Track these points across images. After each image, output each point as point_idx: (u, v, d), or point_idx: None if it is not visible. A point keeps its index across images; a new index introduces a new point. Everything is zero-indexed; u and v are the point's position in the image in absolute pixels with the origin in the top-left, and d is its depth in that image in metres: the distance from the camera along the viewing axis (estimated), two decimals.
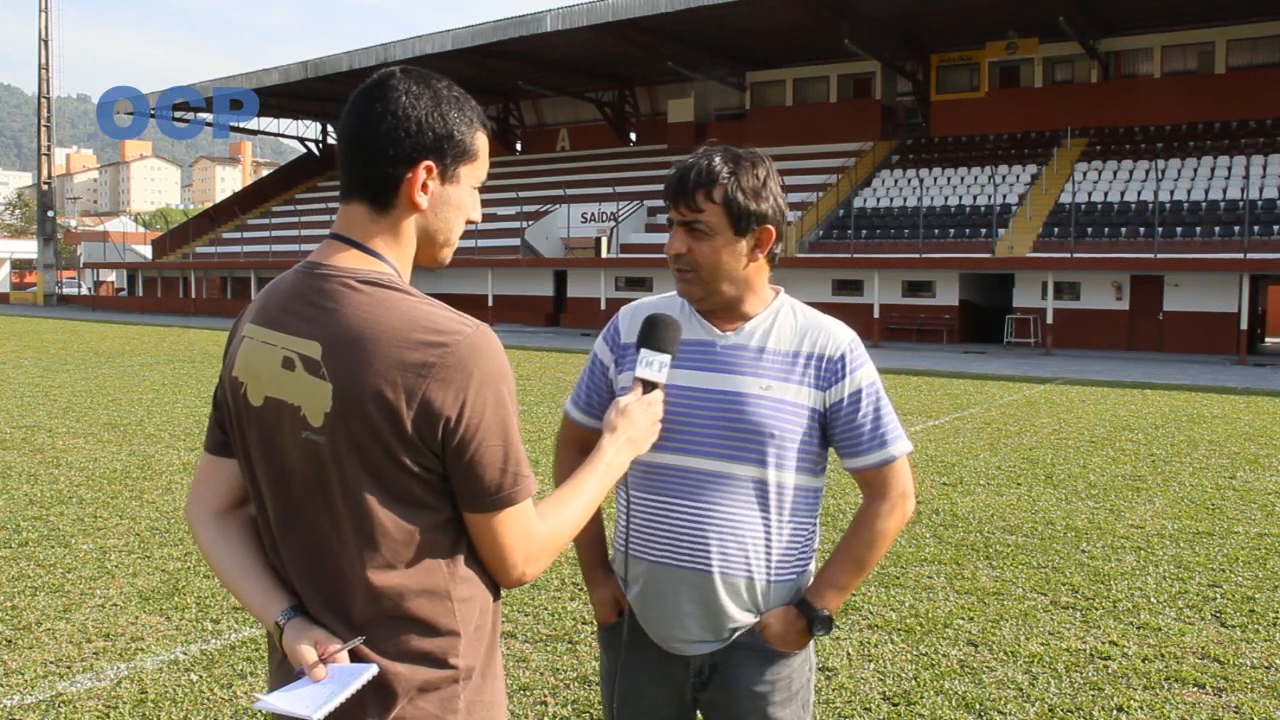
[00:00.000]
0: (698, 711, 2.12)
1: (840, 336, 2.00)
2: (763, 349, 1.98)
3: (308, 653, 1.40)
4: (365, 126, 1.47)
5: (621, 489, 2.07)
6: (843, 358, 1.98)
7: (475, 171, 1.54)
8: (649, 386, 1.82)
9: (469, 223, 1.57)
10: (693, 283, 1.96)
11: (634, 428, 1.73)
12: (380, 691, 1.42)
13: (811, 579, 2.07)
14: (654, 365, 1.82)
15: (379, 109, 1.46)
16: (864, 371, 1.99)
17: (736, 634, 2.00)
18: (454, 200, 1.53)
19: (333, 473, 1.41)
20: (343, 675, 1.39)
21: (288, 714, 1.35)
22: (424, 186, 1.48)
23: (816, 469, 2.03)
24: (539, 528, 1.49)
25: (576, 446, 2.07)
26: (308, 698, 1.36)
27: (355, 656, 1.42)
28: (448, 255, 1.58)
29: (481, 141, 1.54)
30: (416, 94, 1.47)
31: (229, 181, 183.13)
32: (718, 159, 1.93)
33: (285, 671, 1.48)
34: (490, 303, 37.88)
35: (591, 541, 2.15)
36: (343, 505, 1.42)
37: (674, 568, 1.98)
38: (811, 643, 2.07)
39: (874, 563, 2.04)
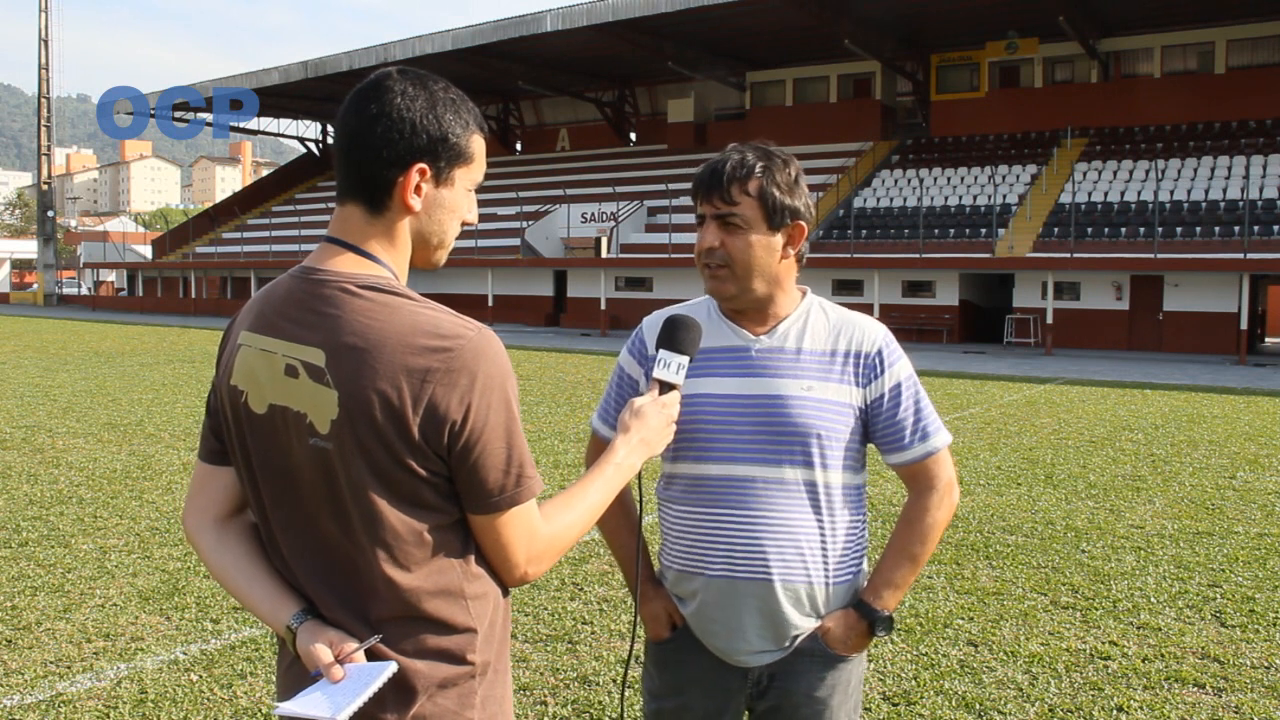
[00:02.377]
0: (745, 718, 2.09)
1: (875, 332, 1.99)
2: (799, 350, 1.95)
3: (324, 654, 1.41)
4: (360, 127, 1.46)
5: (664, 504, 2.04)
6: (879, 353, 1.97)
7: (471, 174, 1.54)
8: (666, 388, 1.79)
9: (465, 225, 1.57)
10: (725, 279, 1.93)
11: (647, 429, 1.72)
12: (400, 689, 1.43)
13: (866, 579, 2.05)
14: (671, 366, 1.80)
15: (374, 110, 1.46)
16: (901, 365, 1.98)
17: (798, 640, 1.98)
18: (448, 203, 1.52)
19: (341, 478, 1.42)
20: (362, 675, 1.39)
21: (309, 717, 1.35)
22: (417, 189, 1.48)
23: (860, 466, 2.02)
24: (543, 528, 1.50)
25: None
26: (328, 699, 1.36)
27: (372, 655, 1.42)
28: (442, 258, 1.58)
29: (478, 144, 1.54)
30: (412, 96, 1.47)
31: (229, 181, 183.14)
32: (750, 154, 1.93)
33: (296, 675, 1.48)
34: (490, 303, 37.87)
35: (637, 557, 2.10)
36: (353, 510, 1.42)
37: (733, 579, 1.94)
38: (870, 646, 2.06)
39: (926, 557, 2.02)
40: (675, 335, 1.83)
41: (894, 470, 2.05)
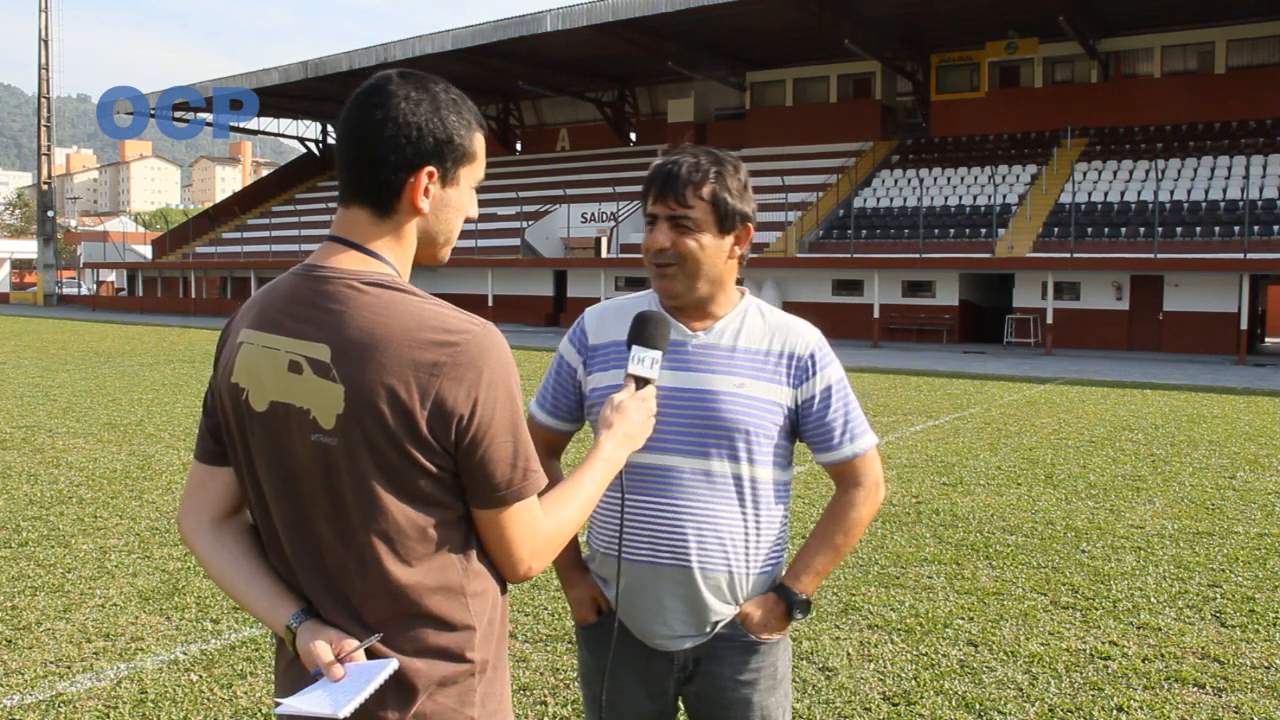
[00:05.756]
0: (679, 705, 2.14)
1: (809, 336, 2.06)
2: (734, 347, 2.02)
3: (324, 652, 1.41)
4: (366, 132, 1.47)
5: None
6: (812, 356, 2.03)
7: (474, 172, 1.56)
8: (641, 382, 1.84)
9: (467, 220, 1.59)
10: (674, 278, 1.98)
11: (630, 423, 1.76)
12: (400, 687, 1.43)
13: (785, 569, 2.12)
14: (645, 361, 1.85)
15: (379, 115, 1.46)
16: (832, 369, 2.06)
17: (718, 626, 2.03)
18: (454, 202, 1.54)
19: (344, 474, 1.42)
20: (362, 672, 1.39)
21: (311, 715, 1.35)
22: (425, 191, 1.49)
23: (787, 463, 2.08)
24: (545, 523, 1.51)
25: (544, 449, 2.07)
26: (329, 697, 1.37)
27: (372, 654, 1.43)
28: (447, 254, 1.61)
29: (479, 142, 1.56)
30: (416, 99, 1.48)
31: (229, 181, 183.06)
32: (703, 158, 1.99)
33: (295, 674, 1.48)
34: (490, 303, 37.88)
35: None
36: (355, 506, 1.42)
37: (655, 565, 2.00)
38: (789, 631, 2.11)
39: (849, 549, 2.11)
40: (646, 331, 1.88)
41: (824, 468, 2.12)
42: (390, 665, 1.40)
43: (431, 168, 1.48)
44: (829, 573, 2.11)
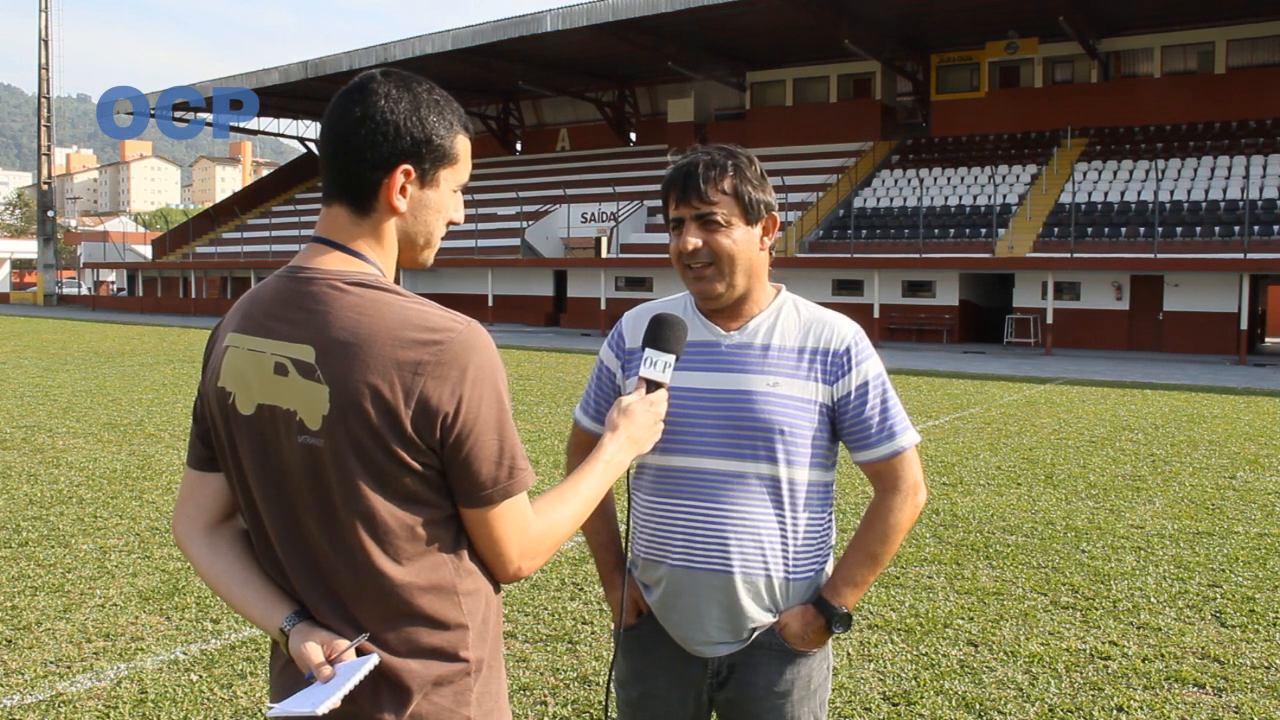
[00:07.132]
0: (713, 712, 2.12)
1: (844, 330, 2.01)
2: (768, 346, 1.98)
3: (315, 654, 1.41)
4: (344, 130, 1.47)
5: (632, 493, 2.07)
6: (848, 351, 1.99)
7: (456, 174, 1.55)
8: (653, 386, 1.81)
9: (451, 223, 1.58)
10: (712, 278, 1.95)
11: (635, 426, 1.74)
12: (395, 689, 1.43)
13: (828, 576, 2.07)
14: (658, 365, 1.82)
15: (358, 113, 1.47)
16: (870, 364, 2.00)
17: (755, 634, 2.00)
18: (433, 203, 1.53)
19: (332, 475, 1.42)
20: (346, 671, 1.40)
21: (296, 715, 1.36)
22: (402, 190, 1.49)
23: (827, 463, 2.03)
24: (535, 523, 1.50)
25: (587, 454, 2.09)
26: (311, 697, 1.38)
27: (362, 653, 1.43)
28: (429, 257, 1.59)
29: (462, 144, 1.55)
30: (395, 98, 1.48)
31: (229, 181, 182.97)
32: (716, 154, 1.96)
33: (289, 677, 1.48)
34: (490, 303, 37.87)
35: (607, 545, 2.16)
36: (344, 507, 1.42)
37: (694, 570, 1.97)
38: (829, 641, 2.07)
39: (889, 557, 2.04)
40: (661, 334, 1.85)
41: (861, 468, 2.07)
42: (370, 661, 1.40)
43: (408, 166, 1.48)
44: (870, 583, 2.05)
